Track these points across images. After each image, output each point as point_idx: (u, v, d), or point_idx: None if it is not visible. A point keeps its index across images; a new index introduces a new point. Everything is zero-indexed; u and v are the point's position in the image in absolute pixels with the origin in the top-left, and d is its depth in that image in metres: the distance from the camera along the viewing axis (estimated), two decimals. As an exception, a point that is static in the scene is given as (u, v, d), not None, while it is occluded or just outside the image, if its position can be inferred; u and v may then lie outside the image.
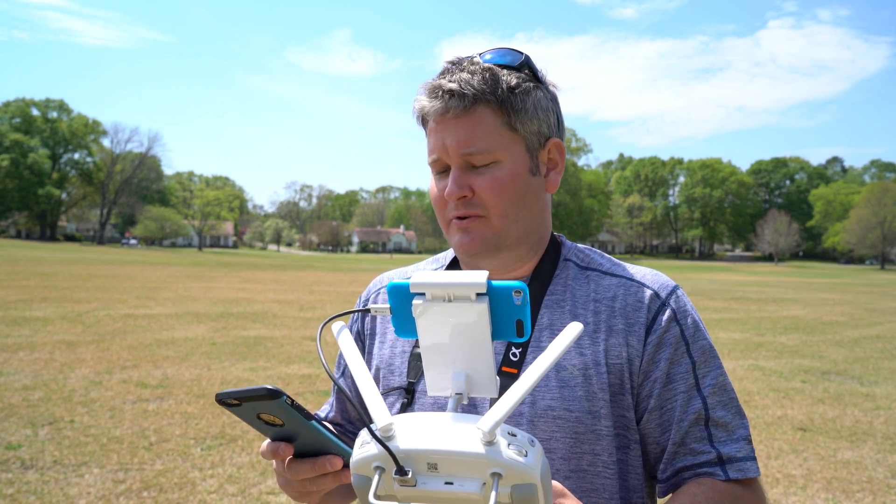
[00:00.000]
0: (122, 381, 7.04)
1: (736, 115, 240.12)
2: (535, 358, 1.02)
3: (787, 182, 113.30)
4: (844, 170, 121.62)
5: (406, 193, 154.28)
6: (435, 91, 1.00)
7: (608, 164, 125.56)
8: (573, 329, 0.67)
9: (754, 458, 1.00)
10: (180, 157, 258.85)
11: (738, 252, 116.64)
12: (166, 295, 16.81)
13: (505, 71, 1.01)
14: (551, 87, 1.07)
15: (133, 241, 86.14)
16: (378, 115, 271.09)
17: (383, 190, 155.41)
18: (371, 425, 0.62)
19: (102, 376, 7.23)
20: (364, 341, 1.20)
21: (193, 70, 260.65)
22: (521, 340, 0.67)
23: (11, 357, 7.96)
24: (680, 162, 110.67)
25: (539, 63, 1.07)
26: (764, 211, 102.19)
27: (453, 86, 0.98)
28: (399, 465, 0.60)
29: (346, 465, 0.83)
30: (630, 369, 1.00)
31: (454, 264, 1.18)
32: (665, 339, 1.01)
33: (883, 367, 9.65)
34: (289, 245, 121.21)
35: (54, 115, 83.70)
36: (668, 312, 1.02)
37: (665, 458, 1.00)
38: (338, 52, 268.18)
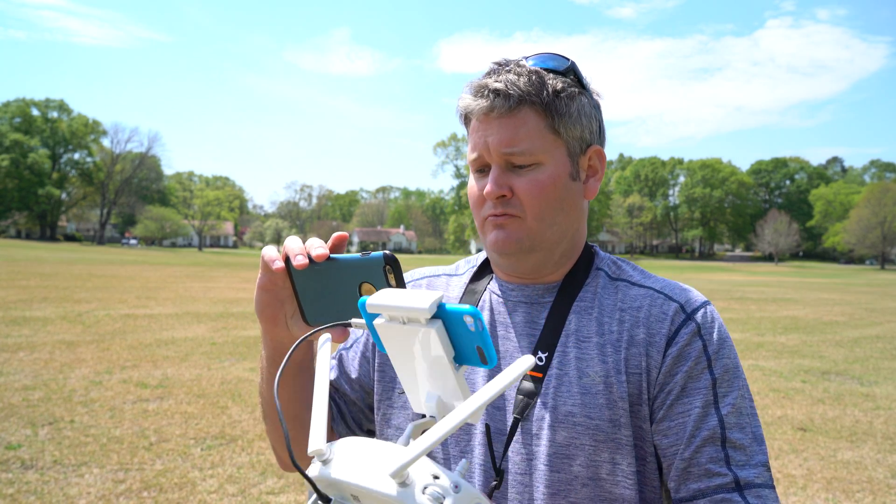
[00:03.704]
0: (122, 381, 7.04)
1: (735, 115, 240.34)
2: (560, 362, 1.02)
3: (787, 182, 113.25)
4: (844, 170, 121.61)
5: (406, 193, 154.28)
6: (481, 90, 1.00)
7: (608, 163, 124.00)
8: (524, 362, 0.62)
9: (773, 487, 0.96)
10: (180, 157, 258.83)
11: (738, 252, 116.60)
12: (166, 295, 16.81)
13: (551, 75, 1.01)
14: (595, 95, 1.07)
15: (133, 241, 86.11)
16: (377, 114, 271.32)
17: (383, 190, 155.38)
18: (310, 451, 0.62)
19: (102, 376, 7.23)
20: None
21: (192, 70, 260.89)
22: (488, 367, 0.64)
23: (11, 357, 7.96)
24: (680, 162, 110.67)
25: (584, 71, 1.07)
26: (764, 211, 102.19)
27: (499, 85, 0.98)
28: (319, 493, 0.59)
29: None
30: (648, 380, 0.99)
31: (485, 266, 1.18)
32: (685, 353, 0.99)
33: (883, 367, 9.65)
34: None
35: (54, 115, 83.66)
36: (691, 326, 1.00)
37: (675, 475, 0.97)
38: (336, 51, 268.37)
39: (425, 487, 0.57)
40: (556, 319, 1.04)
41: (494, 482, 0.98)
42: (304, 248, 0.82)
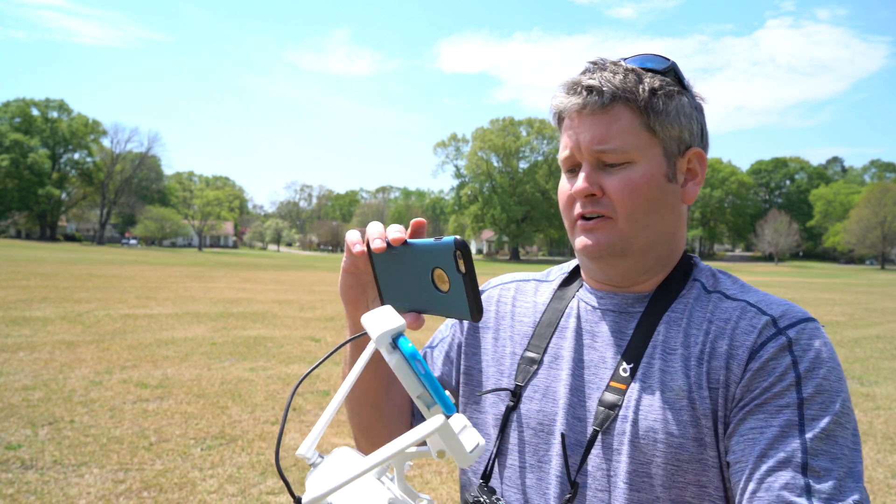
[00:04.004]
0: (122, 381, 7.04)
1: (735, 115, 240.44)
2: (644, 374, 0.96)
3: (787, 182, 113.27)
4: (844, 170, 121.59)
5: (406, 193, 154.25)
6: (574, 87, 0.98)
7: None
8: (433, 423, 0.59)
9: None
10: (180, 157, 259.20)
11: (738, 252, 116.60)
12: (166, 295, 16.81)
13: (649, 74, 0.98)
14: (697, 98, 1.03)
15: (133, 241, 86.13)
16: (377, 114, 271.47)
17: (383, 190, 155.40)
18: (297, 453, 0.64)
19: (102, 376, 7.23)
20: (475, 333, 1.16)
21: (192, 70, 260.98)
22: (448, 414, 0.61)
23: (11, 357, 7.96)
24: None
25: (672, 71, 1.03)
26: (764, 211, 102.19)
27: (593, 82, 0.96)
28: (292, 494, 0.61)
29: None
30: (725, 395, 0.91)
31: (575, 273, 1.14)
32: (768, 368, 0.88)
33: (883, 367, 9.65)
34: (289, 245, 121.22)
35: (54, 115, 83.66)
36: (780, 341, 0.90)
37: (745, 500, 0.85)
38: (336, 51, 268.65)
39: None
40: (645, 330, 0.99)
41: (569, 494, 0.95)
42: (383, 233, 0.82)
